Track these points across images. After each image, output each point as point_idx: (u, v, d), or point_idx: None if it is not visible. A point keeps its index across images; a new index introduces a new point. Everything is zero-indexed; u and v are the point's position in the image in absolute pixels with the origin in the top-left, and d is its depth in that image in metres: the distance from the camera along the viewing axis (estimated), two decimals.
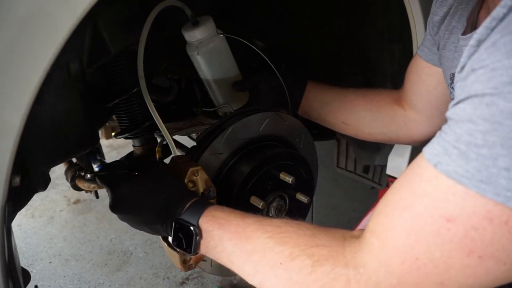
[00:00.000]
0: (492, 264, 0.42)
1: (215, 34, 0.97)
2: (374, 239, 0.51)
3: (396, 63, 1.19)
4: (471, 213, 0.42)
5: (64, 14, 0.55)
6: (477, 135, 0.40)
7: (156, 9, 0.88)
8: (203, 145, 0.90)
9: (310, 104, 1.08)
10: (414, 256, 0.46)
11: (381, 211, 0.53)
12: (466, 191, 0.42)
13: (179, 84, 1.23)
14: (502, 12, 0.41)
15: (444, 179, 0.43)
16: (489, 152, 0.40)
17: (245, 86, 1.05)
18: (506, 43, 0.39)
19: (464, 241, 0.42)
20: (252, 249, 0.62)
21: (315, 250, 0.56)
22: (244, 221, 0.66)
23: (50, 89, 0.70)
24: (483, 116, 0.40)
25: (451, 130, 0.44)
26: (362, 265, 0.51)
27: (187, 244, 0.69)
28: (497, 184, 0.39)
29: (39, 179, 0.75)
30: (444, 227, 0.43)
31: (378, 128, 1.05)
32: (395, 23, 1.13)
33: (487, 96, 0.40)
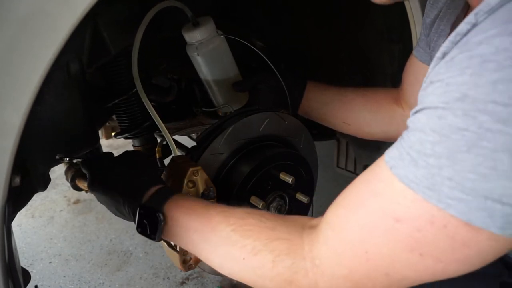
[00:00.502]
0: (431, 261, 0.46)
1: (215, 35, 0.97)
2: (330, 231, 0.55)
3: (395, 63, 1.19)
4: (417, 216, 0.45)
5: (64, 14, 0.55)
6: (426, 145, 0.43)
7: (154, 10, 0.88)
8: (203, 145, 0.90)
9: (310, 104, 1.09)
10: (364, 249, 0.50)
11: (340, 203, 0.56)
12: (414, 195, 0.45)
13: (179, 84, 1.23)
14: (466, 28, 0.43)
15: (396, 182, 0.47)
16: (435, 162, 0.42)
17: (244, 87, 1.05)
18: (462, 59, 0.41)
19: (409, 240, 0.46)
20: (217, 242, 0.64)
21: (276, 245, 0.59)
22: (209, 211, 0.67)
23: (50, 89, 0.70)
24: (434, 127, 0.43)
25: (407, 137, 0.47)
26: (318, 257, 0.55)
27: (152, 230, 0.70)
28: (440, 191, 0.43)
29: (39, 179, 0.75)
30: (393, 226, 0.47)
31: (378, 127, 1.05)
32: (395, 23, 1.13)
33: (439, 109, 0.42)
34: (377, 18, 1.17)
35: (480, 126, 0.39)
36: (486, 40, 0.39)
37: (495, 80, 0.38)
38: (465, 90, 0.40)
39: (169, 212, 0.70)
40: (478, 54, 0.40)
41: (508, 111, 0.37)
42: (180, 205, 0.70)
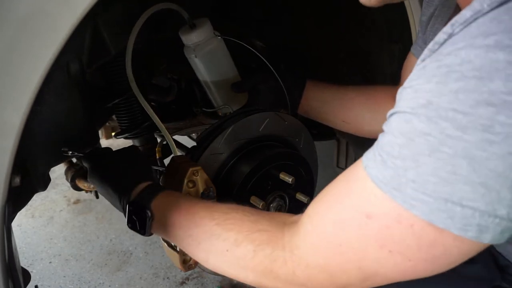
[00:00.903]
0: (399, 259, 0.48)
1: (213, 36, 0.97)
2: (309, 224, 0.57)
3: (395, 63, 1.19)
4: (385, 214, 0.47)
5: (64, 14, 0.55)
6: (395, 147, 0.46)
7: (148, 12, 0.88)
8: (203, 145, 0.90)
9: (309, 103, 1.08)
10: (338, 243, 0.52)
11: (320, 199, 0.58)
12: (383, 194, 0.47)
13: (179, 84, 1.23)
14: (443, 38, 0.45)
15: (369, 181, 0.49)
16: (401, 164, 0.45)
17: (243, 88, 1.05)
18: (432, 68, 0.43)
19: (378, 236, 0.48)
20: (201, 237, 0.66)
21: (257, 235, 0.61)
22: (194, 207, 0.70)
23: (50, 89, 0.70)
24: (401, 131, 0.45)
25: (381, 139, 0.50)
26: (296, 247, 0.57)
27: (141, 225, 0.73)
28: (405, 192, 0.44)
29: (39, 179, 0.75)
30: (364, 222, 0.49)
31: (378, 125, 1.04)
32: (395, 23, 1.13)
33: (407, 114, 0.45)
34: (377, 18, 1.17)
35: (441, 132, 0.41)
36: (454, 52, 0.41)
37: (457, 90, 0.40)
38: (430, 97, 0.42)
39: (156, 208, 0.72)
40: (445, 64, 0.42)
41: (468, 119, 0.39)
42: (167, 202, 0.72)
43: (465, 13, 0.43)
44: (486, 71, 0.38)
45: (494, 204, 0.40)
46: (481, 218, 0.41)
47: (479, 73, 0.39)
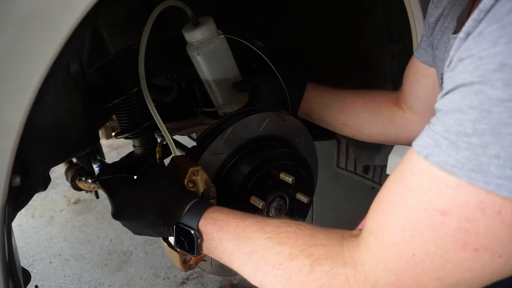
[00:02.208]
0: (488, 256, 0.42)
1: (216, 34, 0.97)
2: (372, 237, 0.51)
3: (396, 63, 1.20)
4: (464, 204, 0.41)
5: (64, 14, 0.55)
6: (466, 124, 0.40)
7: (157, 9, 0.88)
8: (203, 145, 0.90)
9: (309, 105, 1.09)
10: (410, 251, 0.46)
11: (376, 208, 0.53)
12: (458, 181, 0.41)
13: (179, 84, 1.23)
14: (489, 3, 0.40)
15: (435, 171, 0.43)
16: (479, 141, 0.39)
17: (244, 87, 1.05)
18: (492, 31, 0.39)
19: (459, 233, 0.42)
20: (252, 250, 0.62)
21: (313, 250, 0.56)
22: (244, 222, 0.66)
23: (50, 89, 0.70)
24: (472, 104, 0.40)
25: (440, 121, 0.44)
26: (360, 264, 0.51)
27: (189, 246, 0.71)
28: (488, 172, 0.39)
29: (39, 179, 0.75)
30: (438, 220, 0.43)
31: (378, 129, 1.05)
32: (395, 23, 1.13)
33: (475, 85, 0.39)
34: (378, 18, 1.17)
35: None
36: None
37: None
38: (501, 60, 0.37)
39: (203, 227, 0.69)
40: (510, 22, 0.37)
41: None
42: (214, 219, 0.69)
43: None
44: None
45: None
46: None
47: None
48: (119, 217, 0.78)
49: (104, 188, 0.84)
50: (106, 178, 0.84)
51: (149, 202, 0.75)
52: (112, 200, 0.79)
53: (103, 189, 0.85)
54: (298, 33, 1.35)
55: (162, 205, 0.74)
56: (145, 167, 0.84)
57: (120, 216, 0.78)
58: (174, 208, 0.73)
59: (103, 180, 0.85)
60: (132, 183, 0.79)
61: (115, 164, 0.93)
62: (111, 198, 0.80)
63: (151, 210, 0.75)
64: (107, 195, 0.82)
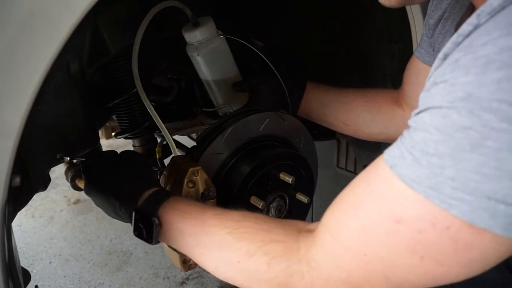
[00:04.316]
0: (432, 265, 0.45)
1: (215, 35, 0.97)
2: (328, 234, 0.54)
3: (395, 63, 1.19)
4: (418, 217, 0.44)
5: (64, 14, 0.55)
6: (430, 144, 0.43)
7: (154, 10, 0.88)
8: (203, 145, 0.90)
9: (309, 105, 1.09)
10: (363, 252, 0.49)
11: (337, 206, 0.55)
12: (415, 195, 0.44)
13: (179, 84, 1.23)
14: (468, 29, 0.43)
15: (397, 182, 0.46)
16: (438, 161, 0.42)
17: (244, 87, 1.05)
18: (466, 61, 0.41)
19: (410, 242, 0.45)
20: (212, 245, 0.63)
21: (271, 247, 0.58)
22: (204, 215, 0.67)
23: (50, 89, 0.70)
24: (438, 127, 0.42)
25: (410, 136, 0.46)
26: (315, 260, 0.54)
27: (148, 234, 0.70)
28: (443, 191, 0.42)
29: (39, 179, 0.75)
30: (393, 228, 0.46)
31: (378, 128, 1.05)
32: (395, 23, 1.13)
33: (443, 109, 0.42)
34: (377, 18, 1.17)
35: (484, 125, 0.38)
36: (491, 42, 0.39)
37: (500, 79, 0.38)
38: (469, 89, 0.40)
39: (164, 216, 0.69)
40: (482, 55, 0.39)
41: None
42: (175, 209, 0.70)
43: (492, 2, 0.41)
44: None
45: None
46: None
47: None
48: (89, 194, 0.82)
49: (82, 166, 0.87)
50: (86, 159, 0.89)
51: (110, 183, 0.78)
52: (84, 177, 0.84)
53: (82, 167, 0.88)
54: (298, 33, 1.35)
55: (123, 188, 0.76)
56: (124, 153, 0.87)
57: (88, 193, 0.82)
58: (133, 192, 0.73)
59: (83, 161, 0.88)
60: (103, 164, 0.83)
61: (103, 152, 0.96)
62: (84, 174, 0.84)
63: (111, 191, 0.77)
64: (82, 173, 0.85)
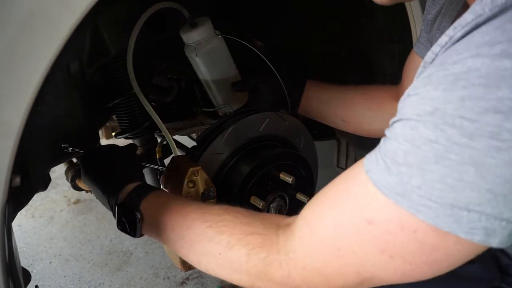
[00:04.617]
0: (400, 263, 0.48)
1: (213, 35, 0.97)
2: (306, 227, 0.57)
3: (396, 63, 1.19)
4: (387, 219, 0.47)
5: (64, 14, 0.55)
6: (399, 154, 0.45)
7: (150, 11, 0.88)
8: (203, 145, 0.90)
9: (310, 102, 1.08)
10: (336, 247, 0.52)
11: (317, 201, 0.59)
12: (386, 199, 0.47)
13: (179, 84, 1.23)
14: (445, 40, 0.46)
15: (371, 186, 0.48)
16: (406, 170, 0.44)
17: (244, 87, 1.05)
18: (437, 77, 0.43)
19: (380, 241, 0.48)
20: (193, 239, 0.65)
21: (250, 238, 0.60)
22: (186, 209, 0.69)
23: (51, 89, 0.70)
24: (406, 138, 0.45)
25: (384, 144, 0.49)
26: (292, 251, 0.57)
27: (131, 227, 0.72)
28: (410, 198, 0.44)
29: (39, 179, 0.75)
30: (365, 228, 0.49)
31: (378, 124, 1.05)
32: (395, 23, 1.13)
33: (412, 121, 0.45)
34: (378, 18, 1.17)
35: (448, 139, 0.41)
36: (461, 61, 0.42)
37: (464, 97, 0.40)
38: (436, 104, 0.42)
39: (146, 210, 0.71)
40: (452, 73, 0.42)
41: (474, 126, 0.39)
42: (157, 203, 0.72)
43: (467, 16, 0.44)
44: (492, 78, 0.39)
45: (500, 208, 0.41)
46: (487, 221, 0.42)
47: (486, 81, 0.39)
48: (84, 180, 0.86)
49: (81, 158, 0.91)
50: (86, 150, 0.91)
51: (98, 176, 0.81)
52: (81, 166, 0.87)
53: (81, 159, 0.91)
54: (298, 33, 1.35)
55: (107, 181, 0.78)
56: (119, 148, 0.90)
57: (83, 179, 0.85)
58: (116, 186, 0.76)
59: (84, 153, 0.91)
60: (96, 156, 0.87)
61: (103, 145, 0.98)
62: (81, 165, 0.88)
63: (99, 184, 0.80)
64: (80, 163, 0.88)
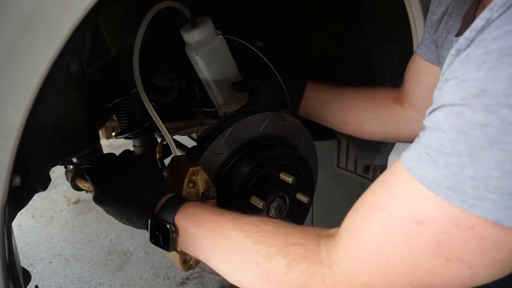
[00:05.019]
0: (458, 267, 0.44)
1: (214, 35, 0.97)
2: (349, 238, 0.53)
3: (396, 63, 1.19)
4: (439, 217, 0.43)
5: (64, 14, 0.55)
6: (446, 144, 0.42)
7: (153, 10, 0.88)
8: (203, 145, 0.90)
9: (310, 104, 1.08)
10: (385, 256, 0.48)
11: (357, 210, 0.55)
12: (435, 196, 0.43)
13: (179, 84, 1.23)
14: (481, 24, 0.42)
15: (416, 184, 0.45)
16: (456, 161, 0.41)
17: (244, 87, 1.05)
18: (477, 56, 0.41)
19: (432, 243, 0.44)
20: (229, 248, 0.62)
21: (291, 249, 0.57)
22: (221, 219, 0.66)
23: (51, 89, 0.70)
24: (452, 125, 0.42)
25: (425, 137, 0.46)
26: (336, 263, 0.53)
27: (164, 241, 0.69)
28: (463, 191, 0.41)
29: (39, 179, 0.75)
30: (414, 230, 0.45)
31: (378, 127, 1.05)
32: (395, 23, 1.13)
33: (456, 106, 0.41)
34: (378, 18, 1.17)
35: (502, 120, 0.38)
36: (503, 35, 0.39)
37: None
38: (483, 85, 0.39)
39: (179, 222, 0.69)
40: (495, 49, 0.39)
41: None
42: (191, 214, 0.69)
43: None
44: None
45: None
46: None
47: None
48: (100, 203, 0.80)
49: (88, 175, 0.86)
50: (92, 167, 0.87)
51: (126, 194, 0.77)
52: (94, 186, 0.81)
53: (87, 176, 0.86)
54: (298, 33, 1.35)
55: (137, 196, 0.75)
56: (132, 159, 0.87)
57: (100, 202, 0.80)
58: (149, 200, 0.73)
59: (87, 169, 0.87)
60: (114, 172, 0.82)
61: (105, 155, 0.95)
62: (93, 184, 0.82)
63: (126, 200, 0.75)
64: (90, 181, 0.84)
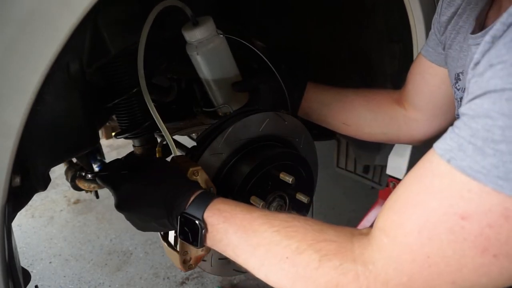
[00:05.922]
0: (507, 263, 0.41)
1: (215, 34, 0.97)
2: (384, 236, 0.50)
3: (396, 63, 1.19)
4: (487, 210, 0.41)
5: (64, 14, 0.55)
6: (495, 131, 0.40)
7: (157, 9, 0.88)
8: (203, 145, 0.90)
9: (309, 105, 1.09)
10: (425, 254, 0.45)
11: (391, 207, 0.52)
12: (482, 187, 0.41)
13: (179, 84, 1.23)
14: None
15: (458, 175, 0.43)
16: (507, 148, 0.39)
17: (244, 87, 1.05)
18: None
19: (479, 239, 0.41)
20: (258, 242, 0.61)
21: (322, 245, 0.55)
22: (251, 214, 0.66)
23: (50, 89, 0.70)
24: (502, 111, 0.39)
25: (466, 125, 0.43)
26: (371, 262, 0.50)
27: (193, 237, 0.69)
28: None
29: (39, 179, 0.75)
30: (458, 224, 0.42)
31: (379, 128, 1.05)
32: (395, 23, 1.13)
33: (507, 91, 0.39)
34: (378, 18, 1.17)
35: None
36: None
37: None
38: None
39: (209, 218, 0.68)
40: None
41: None
42: (220, 210, 0.68)
43: None
44: None
45: None
46: None
47: None
48: (124, 209, 0.77)
49: (106, 183, 0.83)
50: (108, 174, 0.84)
51: (153, 193, 0.74)
52: (116, 193, 0.78)
53: (105, 185, 0.84)
54: (298, 33, 1.35)
55: (166, 195, 0.73)
56: (146, 161, 0.85)
57: (124, 208, 0.77)
58: (179, 198, 0.72)
59: (104, 176, 0.85)
60: (135, 176, 0.79)
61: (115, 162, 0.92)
62: (114, 191, 0.79)
63: (155, 201, 0.74)
64: (110, 189, 0.81)
